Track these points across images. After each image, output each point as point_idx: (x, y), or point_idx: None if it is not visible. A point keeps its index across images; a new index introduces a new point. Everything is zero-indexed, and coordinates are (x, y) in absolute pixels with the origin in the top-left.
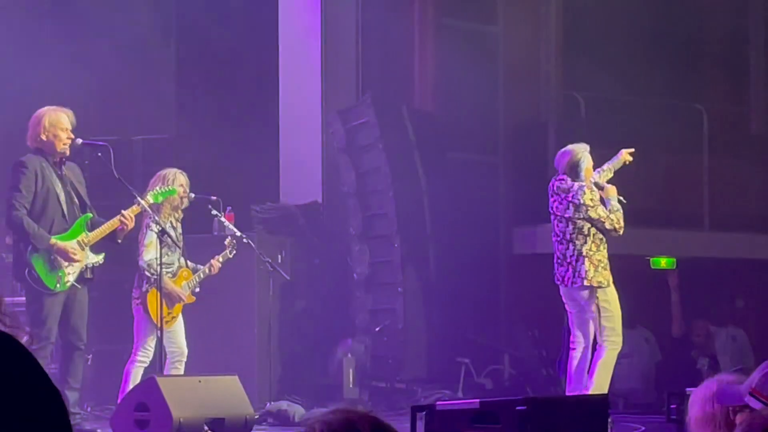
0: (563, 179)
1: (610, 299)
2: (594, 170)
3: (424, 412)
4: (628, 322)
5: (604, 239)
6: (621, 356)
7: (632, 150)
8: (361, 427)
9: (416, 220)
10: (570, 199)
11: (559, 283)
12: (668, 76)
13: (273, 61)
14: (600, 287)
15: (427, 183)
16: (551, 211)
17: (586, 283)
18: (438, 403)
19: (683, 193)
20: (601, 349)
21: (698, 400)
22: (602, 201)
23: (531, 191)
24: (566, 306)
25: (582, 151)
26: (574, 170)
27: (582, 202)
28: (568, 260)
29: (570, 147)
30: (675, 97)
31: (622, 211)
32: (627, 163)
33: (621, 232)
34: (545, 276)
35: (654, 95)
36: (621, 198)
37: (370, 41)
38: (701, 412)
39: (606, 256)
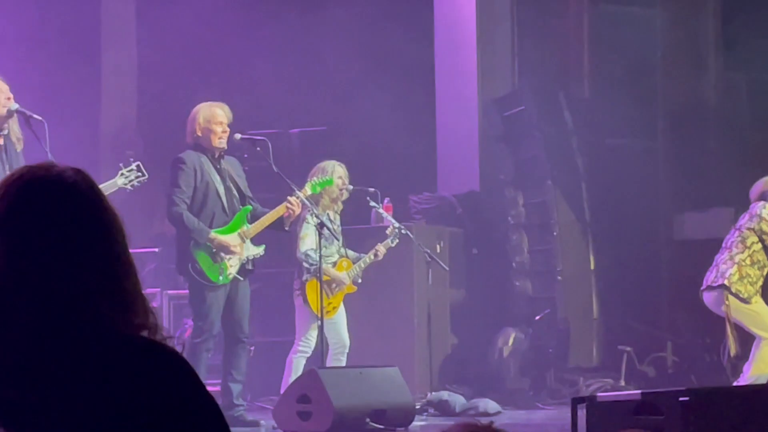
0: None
1: (759, 310)
2: None
3: (584, 404)
4: None
5: (765, 264)
6: None
7: None
8: None
9: (575, 208)
10: (751, 210)
11: (702, 289)
12: None
13: (429, 51)
14: (738, 296)
15: (585, 170)
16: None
17: (726, 282)
18: (599, 394)
19: None
20: (760, 342)
21: None
22: None
23: (691, 176)
24: None
25: None
26: (764, 197)
27: (759, 213)
28: (716, 263)
29: (765, 177)
30: None
31: None
32: None
33: None
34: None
35: None
36: None
37: (525, 28)
38: None
39: (759, 277)
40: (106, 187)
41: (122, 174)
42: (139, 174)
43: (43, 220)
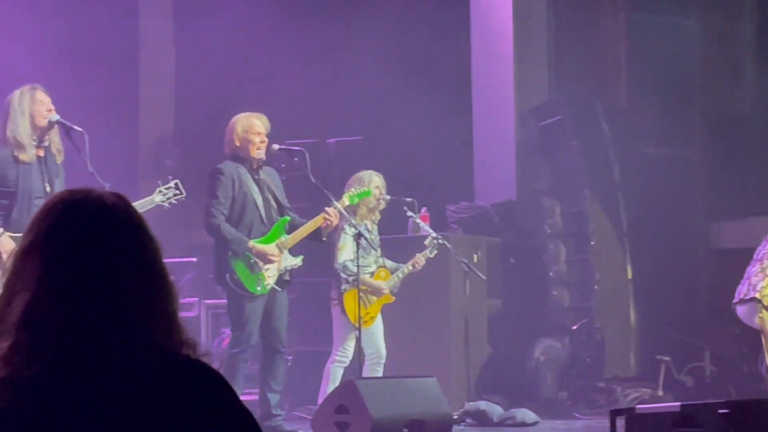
0: None
1: None
2: None
3: (623, 416)
4: None
5: None
6: None
7: None
8: None
9: (612, 217)
10: None
11: (734, 302)
12: None
13: (465, 61)
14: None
15: (622, 179)
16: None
17: (757, 295)
18: (638, 406)
19: None
20: None
21: None
22: None
23: (729, 185)
24: None
25: None
26: None
27: None
28: (748, 275)
29: None
30: None
31: None
32: None
33: None
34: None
35: None
36: None
37: (562, 37)
38: None
39: None
40: (144, 204)
41: (160, 191)
42: (177, 192)
43: (81, 242)
